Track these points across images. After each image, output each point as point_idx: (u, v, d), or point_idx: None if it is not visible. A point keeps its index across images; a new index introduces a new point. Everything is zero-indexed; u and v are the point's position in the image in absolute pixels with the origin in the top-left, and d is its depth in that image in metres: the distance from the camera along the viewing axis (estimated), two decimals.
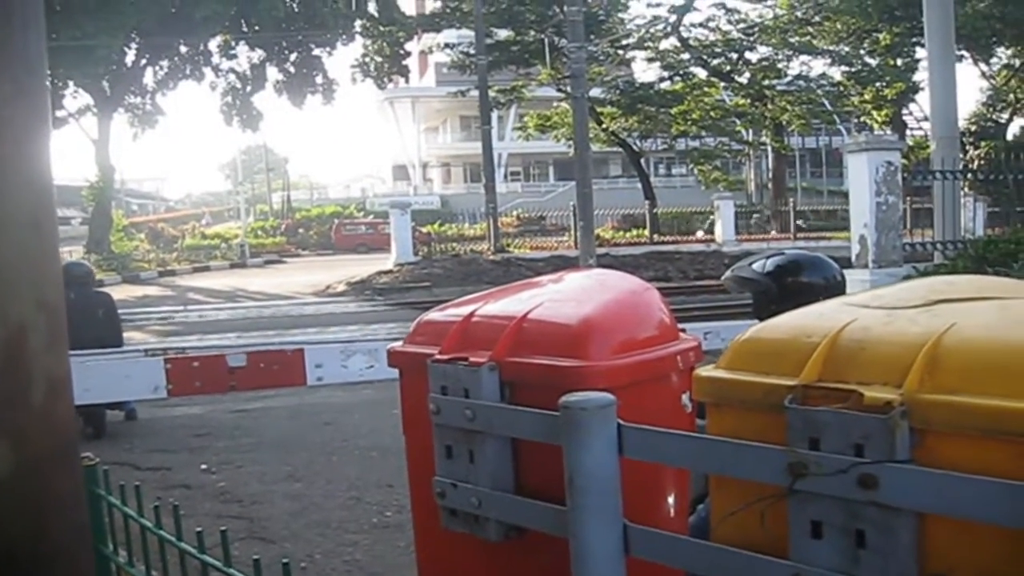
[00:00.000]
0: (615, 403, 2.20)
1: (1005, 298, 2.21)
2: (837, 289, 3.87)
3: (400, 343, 3.18)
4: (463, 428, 2.73)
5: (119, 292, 28.43)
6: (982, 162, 43.94)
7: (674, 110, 44.23)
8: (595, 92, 41.36)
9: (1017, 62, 47.10)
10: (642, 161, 48.05)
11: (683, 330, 3.19)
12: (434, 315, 3.16)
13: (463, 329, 2.93)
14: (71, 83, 36.63)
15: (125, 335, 12.26)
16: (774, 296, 3.79)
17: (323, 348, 7.28)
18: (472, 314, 2.97)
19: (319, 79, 40.91)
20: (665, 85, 45.69)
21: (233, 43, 39.78)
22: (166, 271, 38.35)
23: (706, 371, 2.28)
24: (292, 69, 40.45)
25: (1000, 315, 2.09)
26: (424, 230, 40.45)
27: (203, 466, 8.26)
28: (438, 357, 2.85)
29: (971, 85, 56.96)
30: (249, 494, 7.41)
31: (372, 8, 38.71)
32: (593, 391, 2.27)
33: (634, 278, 3.19)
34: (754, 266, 3.95)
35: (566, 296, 2.98)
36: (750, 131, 50.20)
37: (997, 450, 1.81)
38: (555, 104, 46.11)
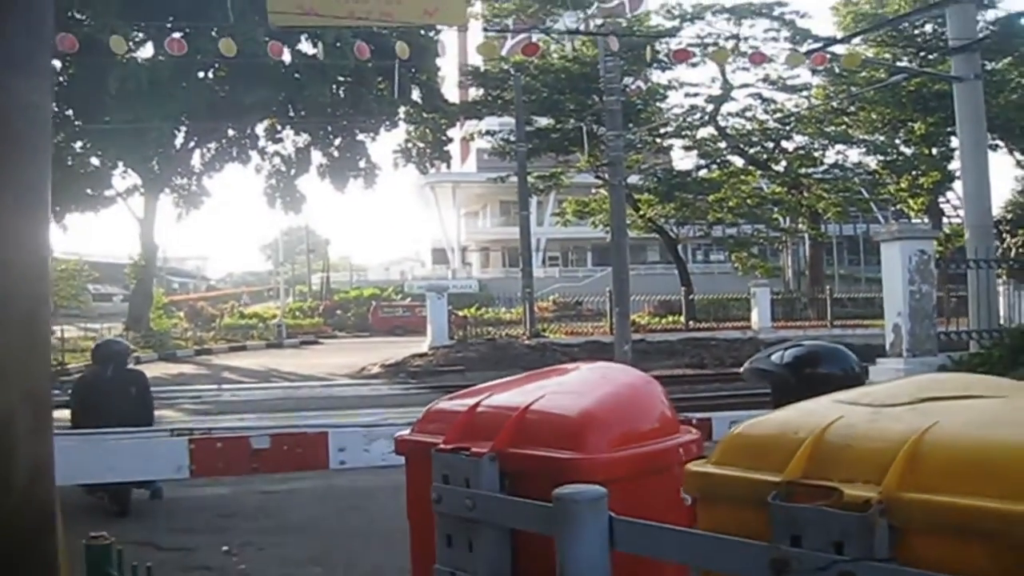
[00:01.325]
0: (606, 496, 2.24)
1: (991, 396, 2.24)
2: (855, 380, 3.87)
3: (408, 431, 3.23)
4: (463, 517, 2.76)
5: (155, 370, 28.70)
6: (1021, 250, 43.66)
7: (711, 197, 44.39)
8: (633, 179, 41.60)
9: None
10: (679, 247, 48.11)
11: (691, 420, 3.21)
12: (442, 404, 3.22)
13: (468, 419, 2.97)
14: (121, 164, 37.37)
15: (158, 413, 12.34)
16: (792, 388, 3.78)
17: (346, 432, 7.32)
18: (478, 404, 3.02)
19: (362, 163, 41.37)
20: (702, 173, 45.91)
21: (279, 127, 40.45)
22: (203, 349, 38.64)
23: (697, 466, 2.31)
24: (336, 153, 40.96)
25: (983, 414, 2.12)
26: (461, 314, 40.52)
27: (225, 548, 8.25)
28: (441, 446, 2.89)
29: (1007, 173, 56.82)
30: None
31: (416, 95, 39.25)
32: (589, 483, 2.31)
33: (636, 371, 3.24)
34: (772, 358, 3.97)
35: (568, 388, 3.02)
36: (787, 218, 50.21)
37: (975, 549, 1.83)
38: (593, 190, 46.41)
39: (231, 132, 39.72)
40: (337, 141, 40.83)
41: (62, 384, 20.14)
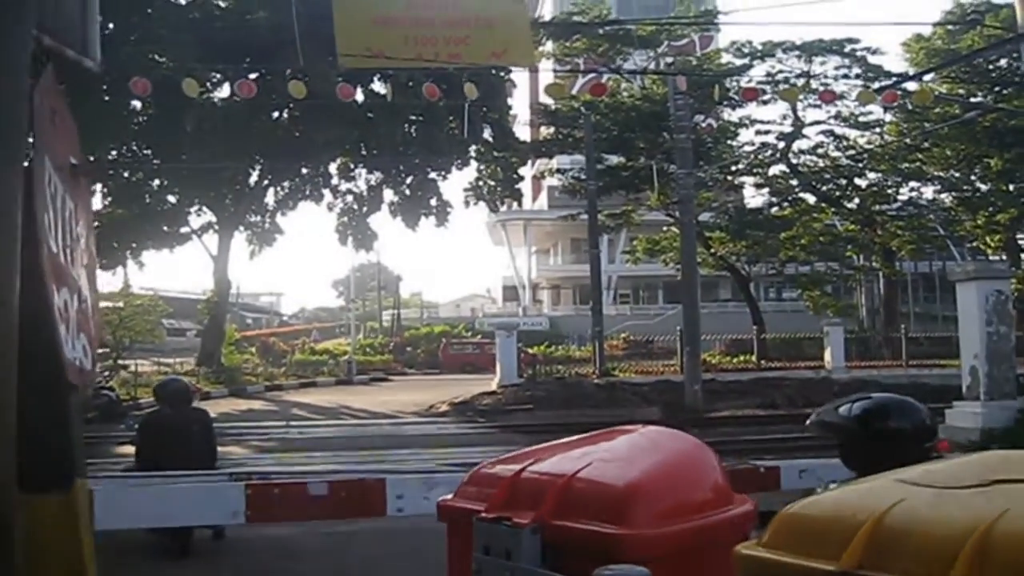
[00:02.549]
0: None
1: None
2: (926, 435, 3.70)
3: (451, 495, 3.12)
4: None
5: (225, 405, 28.97)
6: None
7: (783, 235, 43.97)
8: (704, 217, 41.44)
9: None
10: (751, 285, 47.70)
11: (759, 468, 3.06)
12: (487, 468, 3.10)
13: (512, 485, 2.85)
14: (196, 201, 38.01)
15: (225, 449, 12.34)
16: (860, 443, 3.61)
17: (405, 478, 7.23)
18: (522, 470, 2.89)
19: (433, 201, 41.46)
20: (774, 210, 45.62)
21: (352, 166, 40.78)
22: (273, 385, 38.88)
23: (746, 548, 2.16)
24: (407, 191, 41.11)
25: None
26: (531, 351, 40.44)
27: None
28: (483, 515, 2.77)
29: None
30: None
31: (487, 134, 39.36)
32: (633, 560, 2.18)
33: (689, 438, 3.08)
34: (840, 411, 3.78)
35: (615, 456, 2.89)
36: (860, 256, 49.62)
37: None
38: (664, 228, 46.22)
39: (304, 170, 40.11)
40: (409, 179, 41.03)
41: (132, 419, 20.44)
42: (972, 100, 37.65)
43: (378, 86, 35.18)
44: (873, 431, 3.60)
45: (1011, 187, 43.88)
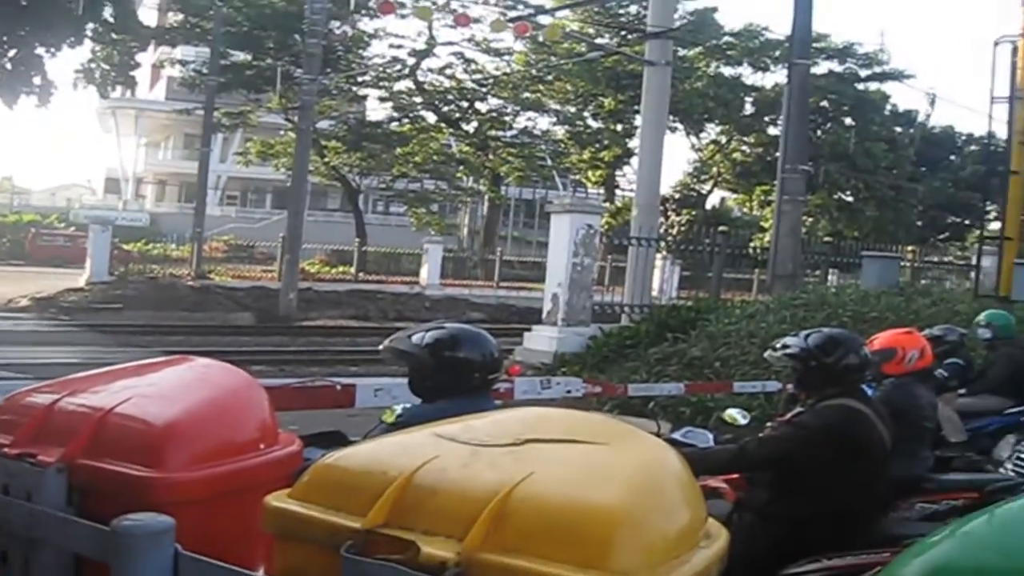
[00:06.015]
0: (172, 528, 1.97)
1: (594, 443, 2.11)
2: (493, 366, 3.78)
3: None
4: (21, 534, 2.40)
5: None
6: (683, 228, 46.43)
7: (399, 151, 44.50)
8: (323, 125, 40.96)
9: (723, 139, 50.24)
10: (360, 198, 47.94)
11: (336, 386, 2.99)
12: (20, 397, 2.81)
13: (43, 418, 2.59)
14: None
15: None
16: (430, 370, 3.64)
17: None
18: (56, 402, 2.64)
19: (37, 80, 38.30)
20: (394, 125, 45.87)
21: None
22: None
23: (276, 499, 2.08)
24: (9, 66, 37.69)
25: (581, 467, 1.98)
26: (127, 247, 38.60)
27: None
28: (6, 451, 2.52)
29: (682, 156, 60.55)
30: None
31: (108, 13, 36.69)
32: (163, 504, 2.05)
33: (240, 374, 2.94)
34: (412, 338, 3.78)
35: (158, 391, 2.70)
36: (470, 178, 50.98)
37: None
38: (281, 132, 45.36)
39: None
40: (12, 53, 37.65)
41: None
42: (598, 41, 39.27)
43: None
44: (442, 359, 3.64)
45: (619, 127, 46.66)
